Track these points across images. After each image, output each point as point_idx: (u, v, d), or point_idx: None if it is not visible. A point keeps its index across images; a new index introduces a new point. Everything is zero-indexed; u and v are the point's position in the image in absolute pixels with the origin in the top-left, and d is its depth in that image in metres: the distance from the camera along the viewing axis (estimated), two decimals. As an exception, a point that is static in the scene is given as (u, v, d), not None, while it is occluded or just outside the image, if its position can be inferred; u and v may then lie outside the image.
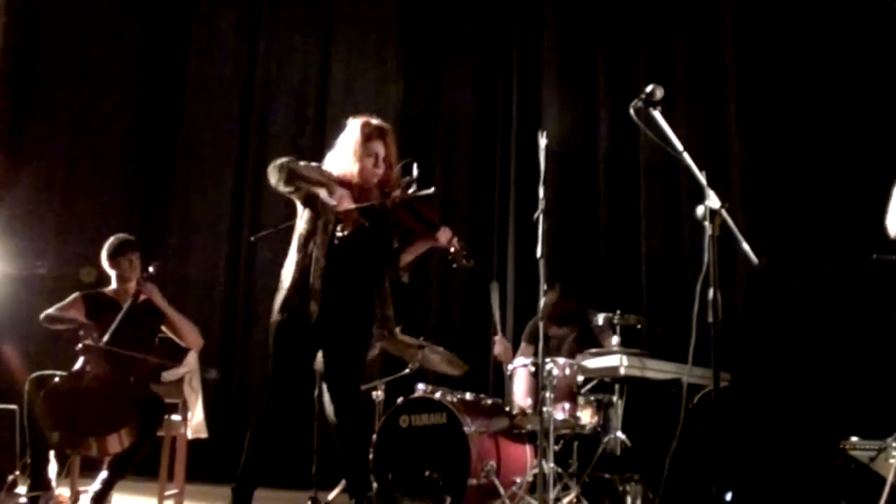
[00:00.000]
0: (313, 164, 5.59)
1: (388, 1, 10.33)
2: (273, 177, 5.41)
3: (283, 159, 5.44)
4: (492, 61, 10.00)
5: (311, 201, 5.45)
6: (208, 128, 10.36)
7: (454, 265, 5.67)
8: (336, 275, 5.37)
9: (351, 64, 10.18)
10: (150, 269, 6.56)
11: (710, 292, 4.14)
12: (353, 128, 5.60)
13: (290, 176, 5.36)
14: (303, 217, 5.53)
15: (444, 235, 5.57)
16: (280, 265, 5.60)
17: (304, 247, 5.46)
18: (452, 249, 5.56)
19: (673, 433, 4.90)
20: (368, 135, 5.54)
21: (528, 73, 9.65)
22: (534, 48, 9.67)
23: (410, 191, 5.45)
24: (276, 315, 5.46)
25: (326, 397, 5.54)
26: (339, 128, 5.78)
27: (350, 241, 5.39)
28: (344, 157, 5.55)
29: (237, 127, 10.33)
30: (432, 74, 10.12)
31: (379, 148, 5.54)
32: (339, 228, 5.37)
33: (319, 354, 5.59)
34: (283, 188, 5.41)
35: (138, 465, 6.10)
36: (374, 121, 5.65)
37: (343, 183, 5.46)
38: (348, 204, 5.30)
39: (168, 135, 10.50)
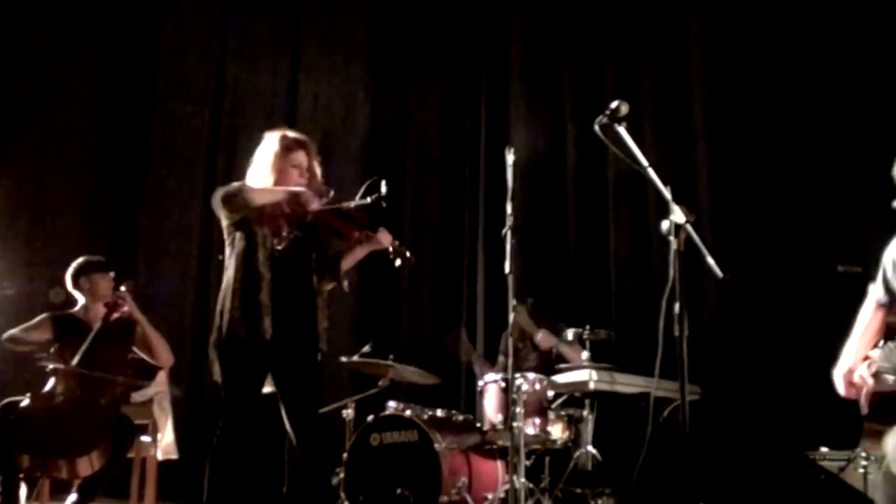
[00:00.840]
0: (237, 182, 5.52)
1: (356, 18, 10.32)
2: (233, 203, 5.30)
3: (230, 188, 5.37)
4: (460, 78, 10.04)
5: (245, 223, 5.34)
6: (177, 147, 10.30)
7: (396, 264, 5.67)
8: (282, 288, 5.28)
9: (320, 82, 10.16)
10: (122, 288, 6.54)
11: (676, 306, 4.15)
12: (272, 141, 5.52)
13: (251, 195, 5.28)
14: (235, 237, 5.37)
15: (385, 237, 5.56)
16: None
17: (244, 264, 5.28)
18: (391, 249, 5.56)
19: (645, 446, 4.92)
20: (288, 146, 5.46)
21: (495, 89, 9.69)
22: (501, 65, 9.72)
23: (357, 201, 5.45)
24: (223, 337, 5.25)
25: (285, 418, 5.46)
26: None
27: (288, 254, 5.35)
28: (265, 171, 5.45)
29: (206, 146, 10.29)
30: (401, 91, 10.13)
31: (301, 158, 5.46)
32: (276, 242, 5.32)
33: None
34: (244, 210, 5.31)
35: (108, 487, 6.07)
36: (292, 133, 5.59)
37: None
38: (315, 205, 5.27)
39: (136, 155, 10.44)
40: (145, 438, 6.66)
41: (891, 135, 7.43)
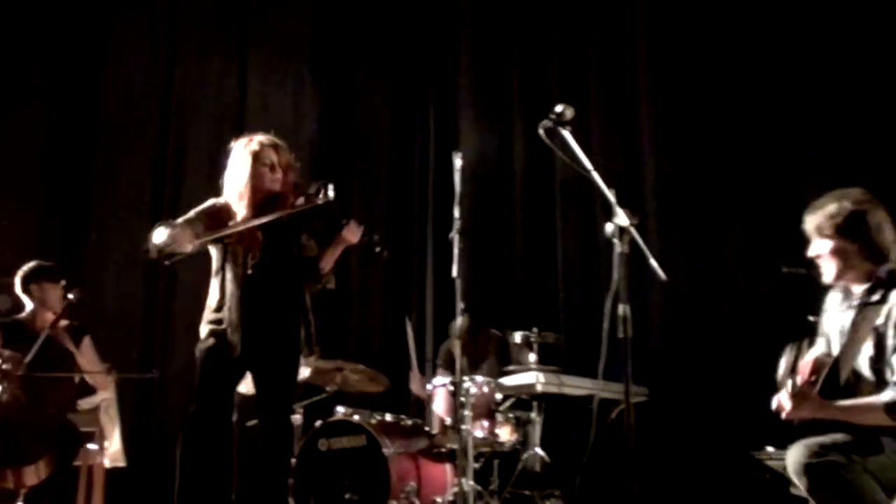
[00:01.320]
0: (203, 206, 5.55)
1: (303, 21, 10.28)
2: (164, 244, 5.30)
3: (155, 227, 5.35)
4: (408, 82, 10.04)
5: (217, 241, 5.41)
6: (125, 154, 10.19)
7: (371, 257, 5.71)
8: (253, 304, 5.35)
9: (267, 86, 10.12)
10: (70, 296, 6.50)
11: (621, 308, 4.18)
12: (239, 146, 5.60)
13: (154, 247, 5.26)
14: (213, 253, 5.51)
15: (349, 232, 5.58)
16: (199, 286, 5.58)
17: (217, 282, 5.46)
18: (364, 242, 5.58)
19: (593, 448, 4.94)
20: (256, 148, 5.53)
21: (443, 93, 9.70)
22: (450, 68, 9.73)
23: (314, 197, 5.45)
24: (199, 344, 5.46)
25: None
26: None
27: (263, 265, 5.38)
28: (237, 175, 5.51)
29: (154, 152, 10.21)
30: (349, 96, 10.11)
31: (271, 155, 5.53)
32: (249, 257, 5.36)
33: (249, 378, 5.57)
34: (168, 261, 5.36)
35: (55, 496, 6.02)
36: (259, 136, 5.64)
37: (242, 204, 5.44)
38: (184, 241, 5.21)
39: (84, 162, 10.35)
40: (92, 446, 6.60)
41: (834, 137, 7.53)
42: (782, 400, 4.13)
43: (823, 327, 4.45)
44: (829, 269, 4.27)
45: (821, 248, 4.24)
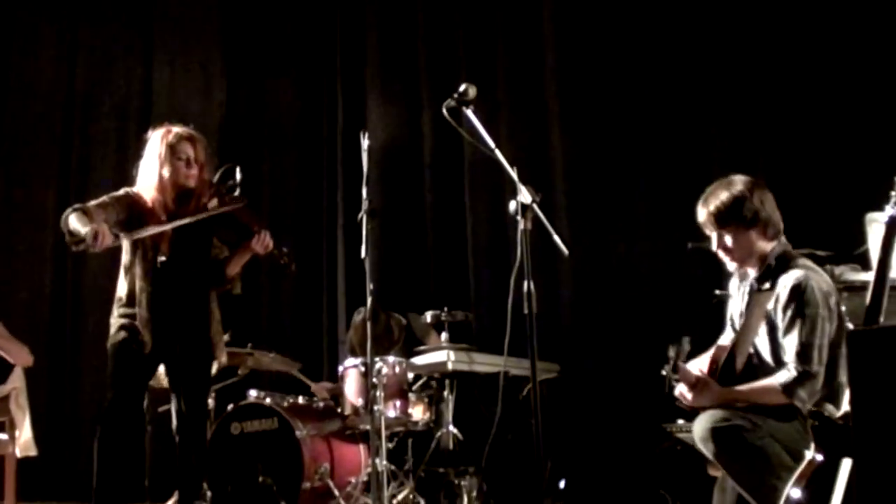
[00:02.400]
0: (118, 193, 5.48)
1: (210, 8, 10.20)
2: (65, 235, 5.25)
3: (66, 213, 5.26)
4: (315, 64, 9.99)
5: (129, 225, 5.33)
6: (28, 145, 10.05)
7: (278, 270, 5.70)
8: (163, 300, 5.32)
9: (174, 72, 10.02)
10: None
11: (525, 284, 4.22)
12: (156, 137, 5.51)
13: (69, 231, 5.19)
14: (123, 246, 5.44)
15: (259, 245, 5.51)
16: (109, 275, 5.53)
17: (128, 275, 5.40)
18: (272, 253, 5.56)
19: (504, 425, 4.99)
20: (173, 141, 5.46)
21: (351, 75, 9.67)
22: (357, 50, 9.69)
23: (229, 200, 5.43)
24: (110, 338, 5.41)
25: (173, 409, 5.48)
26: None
27: (171, 264, 5.35)
28: (152, 167, 5.45)
29: (58, 143, 10.07)
30: (256, 79, 10.04)
31: (188, 149, 5.46)
32: (160, 252, 5.33)
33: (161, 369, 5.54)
34: (76, 249, 5.25)
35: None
36: (176, 128, 5.56)
37: (155, 198, 5.39)
38: (108, 240, 5.09)
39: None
40: (2, 436, 6.53)
41: (739, 116, 7.64)
42: (683, 391, 4.21)
43: (730, 312, 4.54)
44: (730, 260, 4.35)
45: (725, 241, 4.31)
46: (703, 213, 4.33)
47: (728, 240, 4.27)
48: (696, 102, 7.86)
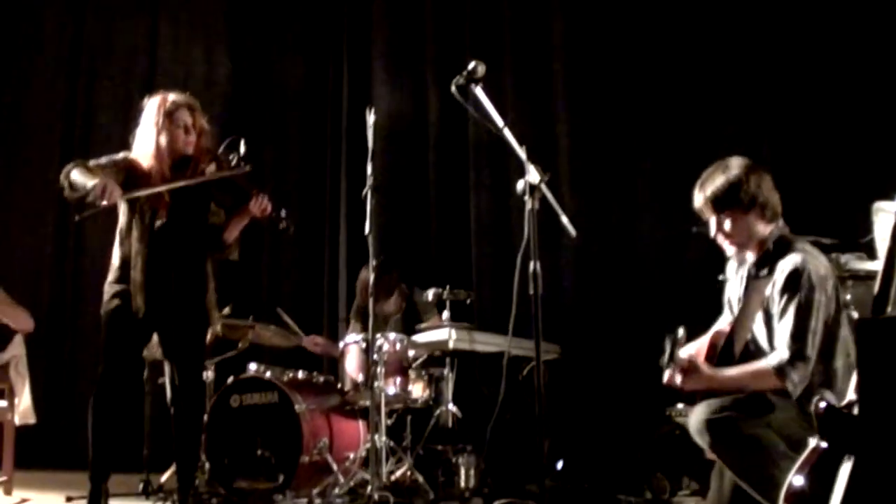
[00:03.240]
0: (116, 156, 5.47)
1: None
2: (63, 187, 5.24)
3: (68, 166, 5.27)
4: (321, 38, 9.97)
5: (126, 188, 5.30)
6: (33, 111, 10.05)
7: (276, 232, 5.70)
8: (158, 264, 5.29)
9: (178, 42, 10.00)
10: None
11: (531, 265, 4.20)
12: (153, 104, 5.48)
13: (70, 184, 5.20)
14: (120, 210, 5.41)
15: (256, 207, 5.48)
16: (109, 244, 5.50)
17: (124, 240, 5.36)
18: (270, 216, 5.53)
19: (503, 404, 4.98)
20: (170, 108, 5.43)
21: (357, 49, 9.65)
22: (363, 24, 9.67)
23: (227, 164, 5.40)
24: (104, 306, 5.37)
25: (167, 381, 5.46)
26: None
27: (168, 228, 5.32)
28: (149, 134, 5.42)
29: (63, 108, 10.06)
30: (261, 52, 10.03)
31: (185, 117, 5.43)
32: (157, 216, 5.30)
33: (156, 338, 5.51)
34: (72, 197, 5.24)
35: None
36: (173, 95, 5.53)
37: (152, 165, 5.37)
38: (115, 194, 5.11)
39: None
40: (1, 403, 6.53)
41: (750, 101, 7.62)
42: (675, 377, 4.19)
43: (727, 296, 4.52)
44: (729, 245, 4.32)
45: (723, 226, 4.27)
46: (699, 198, 4.29)
47: (727, 224, 4.23)
48: (702, 88, 7.85)
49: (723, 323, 4.45)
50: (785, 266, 4.08)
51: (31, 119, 9.93)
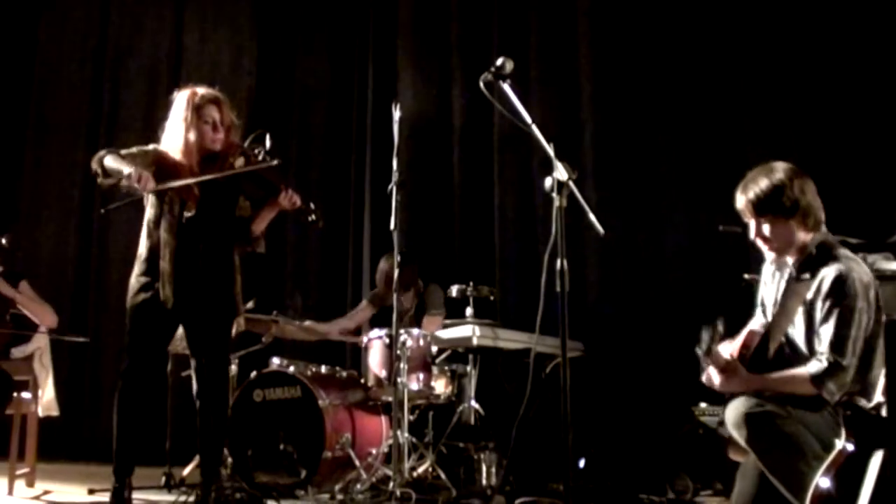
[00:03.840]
0: (146, 147, 5.46)
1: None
2: (93, 172, 5.27)
3: (100, 153, 5.29)
4: (347, 33, 9.97)
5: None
6: (59, 100, 10.10)
7: (305, 225, 5.70)
8: (187, 256, 5.28)
9: (204, 35, 10.03)
10: (3, 240, 6.41)
11: (558, 262, 4.19)
12: (182, 99, 5.45)
13: (104, 171, 5.22)
14: (148, 202, 5.41)
15: (286, 200, 5.48)
16: (134, 237, 5.51)
17: (152, 232, 5.34)
18: (299, 209, 5.52)
19: (527, 402, 4.96)
20: (199, 103, 5.40)
21: (383, 44, 9.65)
22: (389, 20, 9.67)
23: (255, 158, 5.39)
24: (130, 298, 5.34)
25: (193, 374, 5.46)
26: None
27: (197, 220, 5.31)
28: (178, 129, 5.39)
29: (89, 99, 10.10)
30: (287, 46, 10.04)
31: (214, 113, 5.40)
32: (186, 208, 5.29)
33: (180, 331, 5.51)
34: (105, 182, 5.26)
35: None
36: (202, 90, 5.49)
37: (181, 160, 5.36)
38: (150, 185, 5.13)
39: (18, 106, 10.22)
40: (25, 395, 6.54)
41: (774, 96, 7.59)
42: (711, 375, 4.16)
43: (761, 298, 4.48)
44: (768, 250, 4.27)
45: (763, 230, 4.22)
46: (741, 201, 4.22)
47: (766, 229, 4.17)
48: (730, 85, 7.83)
49: (755, 325, 4.41)
50: (829, 272, 4.04)
51: (57, 115, 9.98)
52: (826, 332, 3.97)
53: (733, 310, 4.90)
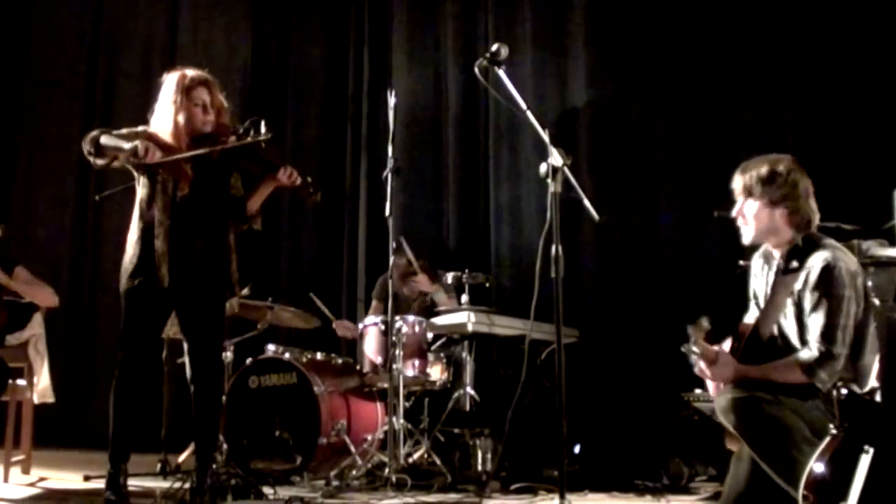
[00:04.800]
0: (136, 129, 5.42)
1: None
2: (86, 152, 5.23)
3: (93, 132, 5.25)
4: (342, 18, 9.95)
5: (145, 168, 5.29)
6: (54, 84, 10.08)
7: (303, 199, 5.68)
8: (181, 235, 5.26)
9: (199, 19, 10.01)
10: (-2, 230, 6.42)
11: (553, 248, 4.19)
12: (171, 81, 5.41)
13: (98, 149, 5.17)
14: (140, 183, 5.37)
15: (285, 176, 5.45)
16: (128, 226, 5.48)
17: (145, 212, 5.29)
18: (297, 185, 5.50)
19: (522, 388, 4.97)
20: (189, 85, 5.36)
21: (377, 30, 9.62)
22: (383, 5, 9.64)
23: (247, 136, 5.36)
24: (124, 282, 5.29)
25: (187, 360, 5.45)
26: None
27: (191, 199, 5.29)
28: (167, 112, 5.36)
29: (83, 83, 10.08)
30: (282, 30, 10.01)
31: (203, 95, 5.37)
32: (179, 188, 5.27)
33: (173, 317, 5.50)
34: (98, 163, 5.24)
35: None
36: (191, 71, 5.45)
37: (170, 143, 5.34)
38: (157, 155, 5.10)
39: (11, 91, 10.19)
40: (20, 382, 6.54)
41: (772, 86, 7.59)
42: (703, 367, 4.20)
43: (753, 290, 4.51)
44: (748, 231, 4.31)
45: (746, 209, 4.27)
46: (737, 179, 4.29)
47: (748, 209, 4.24)
48: (725, 71, 7.82)
49: (750, 318, 4.44)
50: (816, 262, 4.09)
51: (51, 99, 9.95)
52: (815, 321, 4.03)
53: (727, 295, 4.92)
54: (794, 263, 4.16)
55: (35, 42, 10.06)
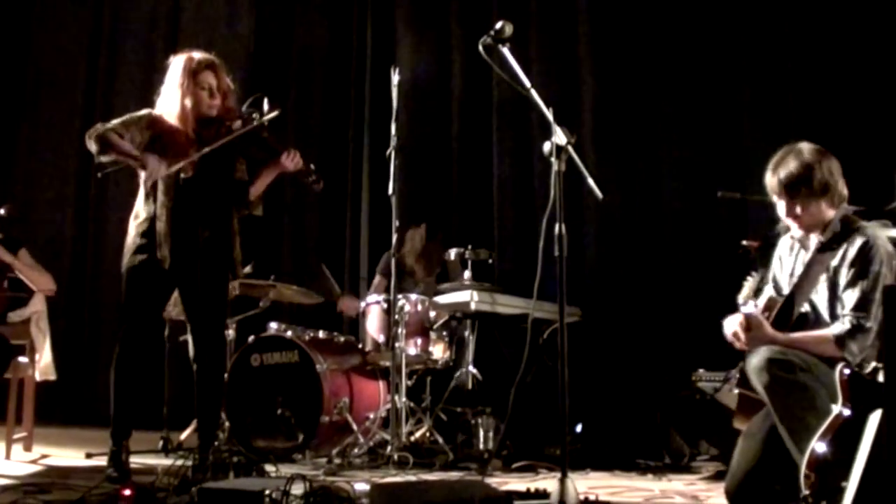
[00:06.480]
0: (138, 113, 5.44)
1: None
2: (91, 148, 5.23)
3: (97, 127, 5.25)
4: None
5: (151, 147, 5.28)
6: (56, 63, 10.06)
7: (305, 187, 5.67)
8: (184, 216, 5.26)
9: (202, 0, 9.97)
10: (1, 211, 6.39)
11: (557, 227, 4.18)
12: (178, 65, 5.41)
13: (105, 146, 5.17)
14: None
15: (288, 161, 5.47)
16: (130, 204, 5.48)
17: (149, 195, 5.31)
18: (301, 170, 5.50)
19: (524, 367, 4.97)
20: (195, 69, 5.36)
21: (381, 7, 9.56)
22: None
23: (252, 120, 5.35)
24: (126, 261, 5.32)
25: (190, 338, 5.46)
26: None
27: (194, 182, 5.29)
28: (174, 95, 5.36)
29: (86, 61, 10.06)
30: (285, 10, 9.96)
31: (210, 79, 5.38)
32: (183, 171, 5.26)
33: (176, 296, 5.50)
34: (103, 159, 5.23)
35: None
36: (198, 54, 5.45)
37: (177, 126, 5.34)
38: (162, 171, 5.12)
39: (14, 70, 10.19)
40: (22, 359, 6.54)
41: (776, 66, 7.57)
42: (738, 331, 4.23)
43: (773, 273, 4.52)
44: (797, 227, 4.32)
45: (795, 210, 4.27)
46: (773, 181, 4.29)
47: (798, 209, 4.25)
48: (728, 50, 7.81)
49: (763, 300, 4.44)
50: (855, 240, 4.13)
51: (54, 80, 9.94)
52: (851, 295, 4.11)
53: (730, 274, 4.92)
54: (833, 246, 4.20)
55: (37, 22, 10.05)
